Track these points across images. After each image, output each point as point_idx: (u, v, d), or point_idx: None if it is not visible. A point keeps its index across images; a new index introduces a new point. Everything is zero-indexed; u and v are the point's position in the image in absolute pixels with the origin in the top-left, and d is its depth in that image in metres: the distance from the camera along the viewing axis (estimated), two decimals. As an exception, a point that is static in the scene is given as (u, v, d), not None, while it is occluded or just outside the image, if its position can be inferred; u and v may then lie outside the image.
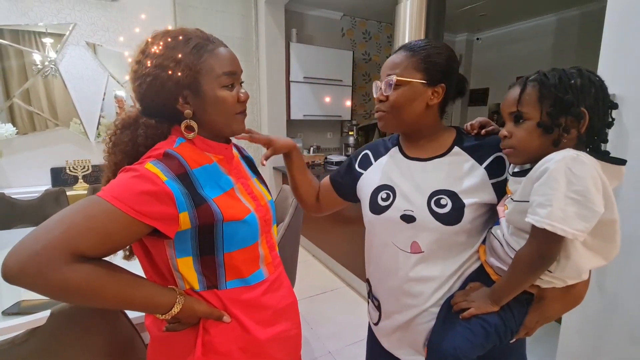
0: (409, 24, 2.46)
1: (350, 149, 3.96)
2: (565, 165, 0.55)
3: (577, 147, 0.60)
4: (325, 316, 2.21)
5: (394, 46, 2.58)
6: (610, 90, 0.67)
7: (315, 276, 2.76)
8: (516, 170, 0.69)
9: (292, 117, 3.59)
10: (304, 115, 3.65)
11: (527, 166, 0.66)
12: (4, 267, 0.48)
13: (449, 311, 0.73)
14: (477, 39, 4.71)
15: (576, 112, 0.59)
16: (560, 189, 0.55)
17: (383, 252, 0.82)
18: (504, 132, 0.67)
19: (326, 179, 1.00)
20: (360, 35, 4.14)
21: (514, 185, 0.67)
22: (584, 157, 0.56)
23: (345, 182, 0.94)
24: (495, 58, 4.49)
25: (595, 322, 1.22)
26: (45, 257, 0.49)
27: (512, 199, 0.66)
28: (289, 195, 1.72)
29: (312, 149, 3.89)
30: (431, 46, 0.75)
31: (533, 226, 0.58)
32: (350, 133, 3.96)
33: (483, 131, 0.79)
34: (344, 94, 3.85)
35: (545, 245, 0.59)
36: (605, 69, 1.11)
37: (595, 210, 0.55)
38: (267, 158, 0.86)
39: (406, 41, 2.50)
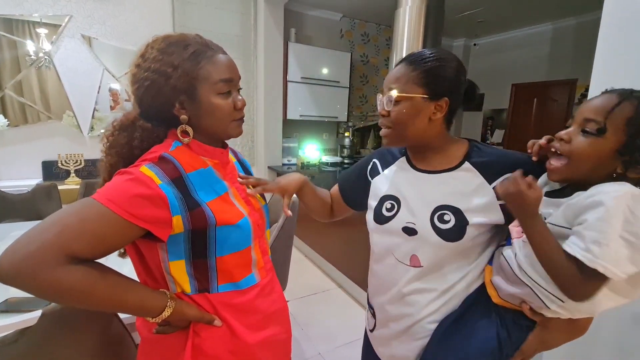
0: (408, 28, 2.47)
1: (345, 150, 3.97)
2: (625, 203, 0.51)
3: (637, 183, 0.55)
4: (317, 317, 2.22)
5: (393, 49, 2.59)
6: None
7: (307, 277, 2.77)
8: (547, 189, 0.65)
9: (289, 116, 3.59)
10: (301, 116, 3.65)
11: (557, 186, 0.63)
12: None
13: (444, 334, 0.72)
14: (475, 44, 4.76)
15: None
16: (617, 227, 0.50)
17: (381, 262, 0.82)
18: (562, 134, 0.59)
19: (336, 190, 1.00)
20: (359, 37, 4.15)
21: (547, 208, 0.62)
22: None
23: (355, 192, 0.93)
24: (492, 64, 4.54)
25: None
26: (39, 258, 0.49)
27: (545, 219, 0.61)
28: (283, 196, 1.72)
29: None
30: (434, 58, 0.72)
31: (581, 262, 0.53)
32: (346, 134, 3.97)
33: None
34: (341, 95, 3.86)
35: (590, 284, 0.54)
36: (598, 79, 1.13)
37: None
38: (288, 207, 0.87)
39: (405, 45, 2.54)
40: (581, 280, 0.54)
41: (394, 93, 0.72)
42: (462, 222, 0.71)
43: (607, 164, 0.56)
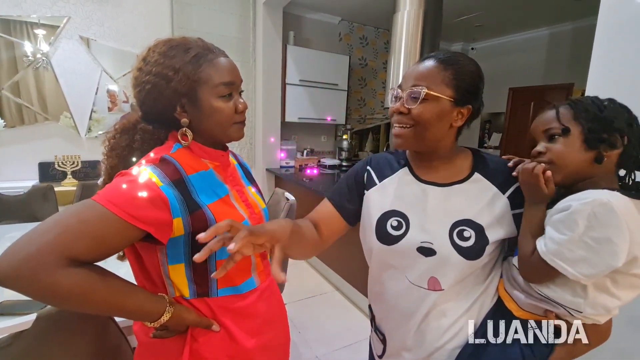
0: (406, 32, 2.48)
1: (344, 153, 3.98)
2: (591, 208, 0.53)
3: (618, 165, 0.60)
4: (314, 320, 2.21)
5: (391, 53, 2.60)
6: None
7: (305, 280, 2.76)
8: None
9: (287, 119, 3.59)
10: (299, 118, 3.65)
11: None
12: None
13: None
14: (472, 48, 4.79)
15: (619, 126, 0.57)
16: (578, 231, 0.54)
17: (391, 285, 0.74)
18: (538, 148, 0.63)
19: (329, 208, 0.82)
20: (357, 41, 4.16)
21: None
22: (616, 202, 0.53)
23: (356, 204, 0.81)
24: (489, 68, 4.57)
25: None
26: (39, 260, 0.48)
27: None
28: (281, 198, 1.72)
29: (305, 151, 3.89)
30: (462, 62, 0.68)
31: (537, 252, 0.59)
32: (344, 137, 3.98)
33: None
34: (339, 98, 3.87)
35: (540, 270, 0.59)
36: (594, 84, 1.14)
37: (607, 262, 0.53)
38: (281, 265, 0.56)
39: (403, 49, 2.55)
40: (533, 264, 0.60)
41: (422, 90, 0.66)
42: (483, 239, 0.67)
43: (583, 158, 0.59)
